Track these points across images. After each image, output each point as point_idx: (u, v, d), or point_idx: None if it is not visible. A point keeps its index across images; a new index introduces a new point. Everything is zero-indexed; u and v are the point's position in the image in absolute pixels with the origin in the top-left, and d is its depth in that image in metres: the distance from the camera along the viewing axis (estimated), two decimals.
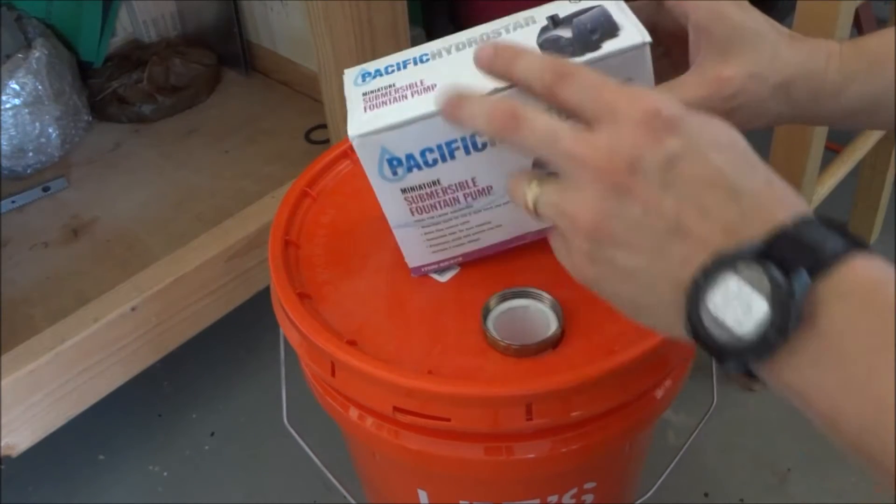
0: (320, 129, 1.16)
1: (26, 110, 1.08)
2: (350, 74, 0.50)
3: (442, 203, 0.50)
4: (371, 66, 0.50)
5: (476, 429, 0.49)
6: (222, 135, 1.20)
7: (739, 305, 0.30)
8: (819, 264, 0.30)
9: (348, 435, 0.60)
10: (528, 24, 0.47)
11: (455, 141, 0.47)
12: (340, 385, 0.51)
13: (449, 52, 0.48)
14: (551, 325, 0.51)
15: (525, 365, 0.49)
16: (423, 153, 0.47)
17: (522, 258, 0.56)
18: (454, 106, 0.38)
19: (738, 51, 0.44)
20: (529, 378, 0.48)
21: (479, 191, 0.51)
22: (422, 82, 0.47)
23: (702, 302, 0.31)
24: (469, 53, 0.44)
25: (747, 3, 0.44)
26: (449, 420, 0.48)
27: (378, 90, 0.48)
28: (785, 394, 0.31)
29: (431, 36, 1.10)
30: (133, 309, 0.87)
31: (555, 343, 0.50)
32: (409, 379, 0.47)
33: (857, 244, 0.31)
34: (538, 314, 0.52)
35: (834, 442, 0.31)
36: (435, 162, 0.48)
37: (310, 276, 0.57)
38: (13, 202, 1.08)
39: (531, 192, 0.36)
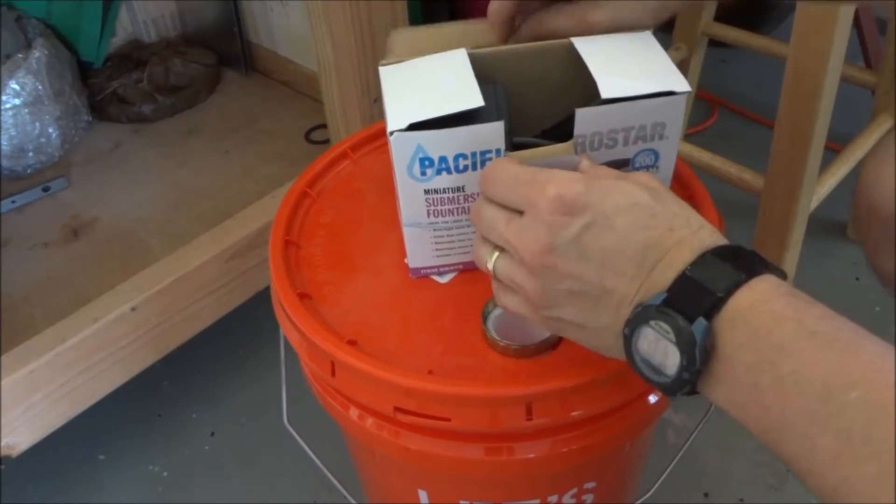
0: (320, 129, 1.16)
1: (26, 110, 1.08)
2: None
3: (459, 210, 0.51)
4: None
5: (476, 429, 0.49)
6: (222, 135, 1.20)
7: (658, 352, 0.36)
8: (713, 303, 0.35)
9: (348, 435, 0.60)
10: None
11: (490, 151, 0.47)
12: (340, 385, 0.51)
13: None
14: None
15: (525, 365, 0.49)
16: (456, 158, 0.47)
17: None
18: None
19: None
20: (530, 378, 0.48)
21: None
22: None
23: (634, 350, 0.38)
24: None
25: None
26: (449, 420, 0.48)
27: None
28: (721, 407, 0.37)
29: None
30: (133, 309, 0.87)
31: (555, 343, 0.50)
32: (410, 379, 0.47)
33: (748, 270, 0.35)
34: None
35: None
36: (465, 168, 0.48)
37: (310, 276, 0.57)
38: (13, 202, 1.08)
39: (491, 259, 0.43)
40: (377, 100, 1.00)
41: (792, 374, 0.32)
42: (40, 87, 1.09)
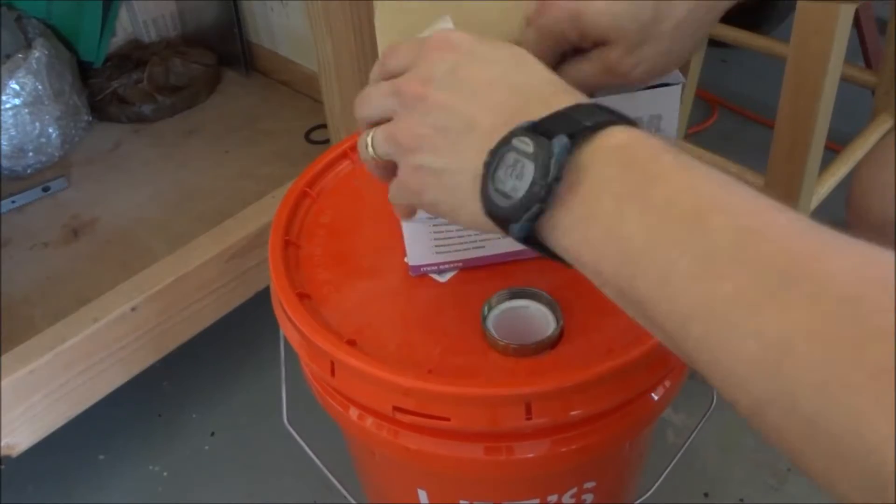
0: (320, 129, 1.16)
1: (26, 110, 1.08)
2: None
3: None
4: None
5: (476, 428, 0.49)
6: (222, 135, 1.20)
7: (514, 173, 0.34)
8: (580, 131, 0.34)
9: (348, 435, 0.60)
10: None
11: None
12: (340, 385, 0.51)
13: None
14: (550, 325, 0.51)
15: (525, 364, 0.49)
16: None
17: (522, 259, 0.56)
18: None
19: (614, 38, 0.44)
20: (529, 378, 0.48)
21: None
22: None
23: (490, 180, 0.35)
24: None
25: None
26: (449, 420, 0.48)
27: None
28: (566, 257, 0.35)
29: None
30: (133, 309, 0.87)
31: (554, 343, 0.50)
32: (409, 379, 0.47)
33: (623, 120, 0.34)
34: (538, 314, 0.52)
35: (606, 295, 0.34)
36: None
37: (310, 276, 0.57)
38: (13, 202, 1.08)
39: (367, 138, 0.42)
40: None
41: (663, 199, 0.31)
42: (40, 87, 1.09)
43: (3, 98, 1.06)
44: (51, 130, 1.11)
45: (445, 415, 0.48)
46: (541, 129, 0.34)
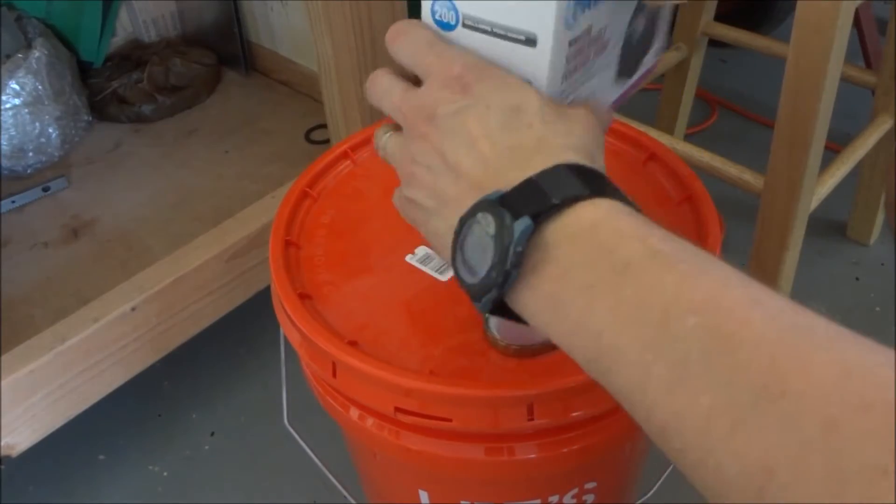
0: (320, 129, 1.16)
1: (26, 110, 1.08)
2: None
3: (581, 63, 0.43)
4: None
5: (477, 429, 0.49)
6: (222, 135, 1.20)
7: (480, 248, 0.34)
8: (547, 209, 0.33)
9: (349, 435, 0.60)
10: None
11: None
12: (341, 385, 0.51)
13: None
14: None
15: (526, 365, 0.49)
16: None
17: None
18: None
19: None
20: (530, 378, 0.48)
21: (602, 45, 0.44)
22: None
23: (459, 249, 0.35)
24: None
25: None
26: (450, 420, 0.48)
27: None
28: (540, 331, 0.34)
29: None
30: (133, 309, 0.87)
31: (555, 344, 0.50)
32: (410, 379, 0.47)
33: (595, 189, 0.33)
34: None
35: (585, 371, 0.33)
36: None
37: (310, 276, 0.57)
38: (13, 202, 1.08)
39: (382, 140, 0.42)
40: None
41: (633, 297, 0.30)
42: (40, 87, 1.09)
43: (3, 98, 1.06)
44: (51, 130, 1.11)
45: (447, 415, 0.48)
46: (508, 203, 0.33)
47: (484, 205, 0.34)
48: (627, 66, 0.49)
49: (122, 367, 0.89)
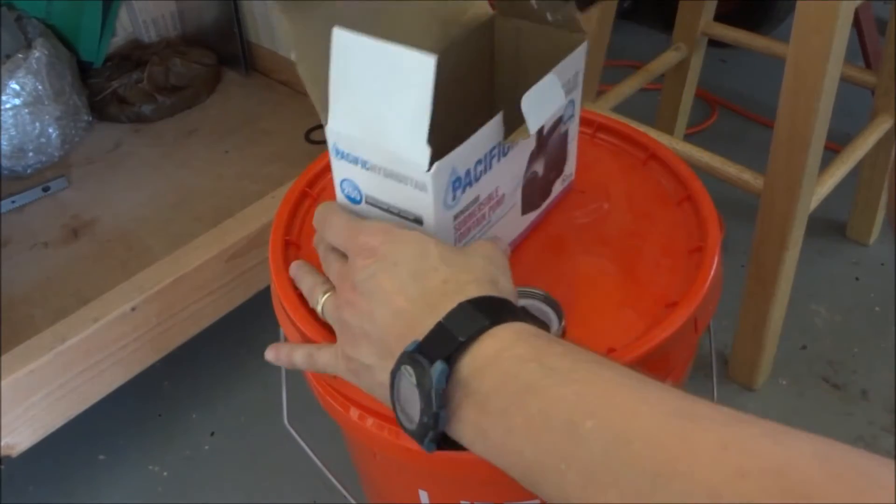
0: (320, 129, 1.16)
1: (26, 110, 1.08)
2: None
3: (475, 223, 0.50)
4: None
5: None
6: (222, 135, 1.20)
7: (410, 398, 0.37)
8: (456, 348, 0.36)
9: (349, 435, 0.60)
10: None
11: (495, 146, 0.47)
12: (341, 385, 0.51)
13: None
14: (552, 325, 0.51)
15: None
16: (476, 165, 0.47)
17: (522, 257, 0.56)
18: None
19: None
20: None
21: (498, 201, 0.51)
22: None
23: (396, 401, 0.39)
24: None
25: None
26: None
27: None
28: None
29: None
30: (133, 309, 0.87)
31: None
32: None
33: (494, 317, 0.37)
34: (539, 314, 0.52)
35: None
36: (480, 175, 0.47)
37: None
38: (13, 202, 1.08)
39: (320, 302, 0.47)
40: None
41: (539, 414, 0.33)
42: (40, 87, 1.09)
43: (3, 98, 1.06)
44: (51, 130, 1.11)
45: None
46: (425, 350, 0.37)
47: (405, 357, 0.38)
48: (533, 201, 0.56)
49: (122, 367, 0.89)
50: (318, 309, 0.47)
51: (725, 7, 1.32)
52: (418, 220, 0.46)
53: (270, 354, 0.50)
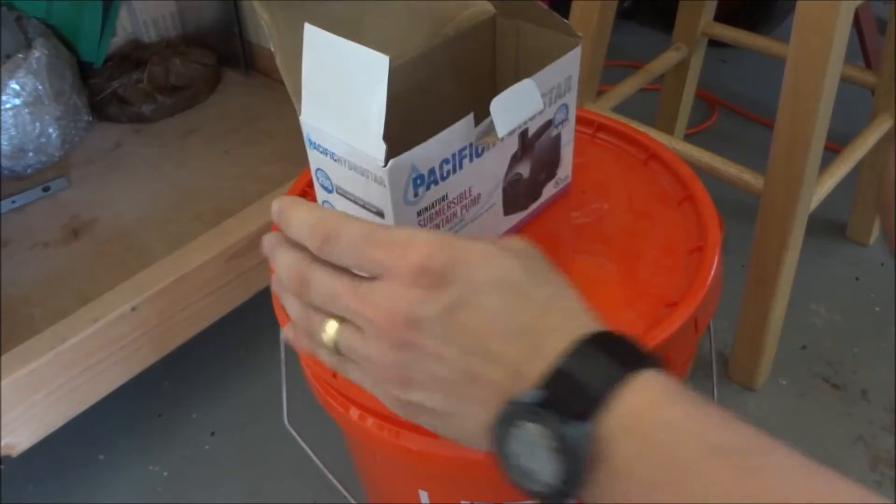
0: None
1: (26, 110, 1.08)
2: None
3: (445, 220, 0.51)
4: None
5: None
6: (222, 135, 1.20)
7: (533, 458, 0.32)
8: (593, 405, 0.31)
9: (349, 435, 0.60)
10: None
11: (465, 147, 0.48)
12: (341, 385, 0.51)
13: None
14: None
15: None
16: (441, 164, 0.47)
17: None
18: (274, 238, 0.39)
19: None
20: None
21: (472, 201, 0.51)
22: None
23: (504, 450, 0.33)
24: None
25: None
26: None
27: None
28: None
29: None
30: (133, 309, 0.87)
31: None
32: None
33: (625, 362, 0.32)
34: None
35: None
36: (447, 175, 0.48)
37: None
38: (13, 202, 1.08)
39: (329, 333, 0.36)
40: None
41: (696, 496, 0.29)
42: (40, 87, 1.09)
43: (3, 98, 1.06)
44: (51, 130, 1.11)
45: None
46: (550, 404, 0.32)
47: (521, 411, 0.32)
48: (517, 202, 0.57)
49: (122, 367, 0.89)
50: (327, 337, 0.37)
51: (725, 7, 1.32)
52: (380, 214, 0.47)
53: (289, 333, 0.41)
